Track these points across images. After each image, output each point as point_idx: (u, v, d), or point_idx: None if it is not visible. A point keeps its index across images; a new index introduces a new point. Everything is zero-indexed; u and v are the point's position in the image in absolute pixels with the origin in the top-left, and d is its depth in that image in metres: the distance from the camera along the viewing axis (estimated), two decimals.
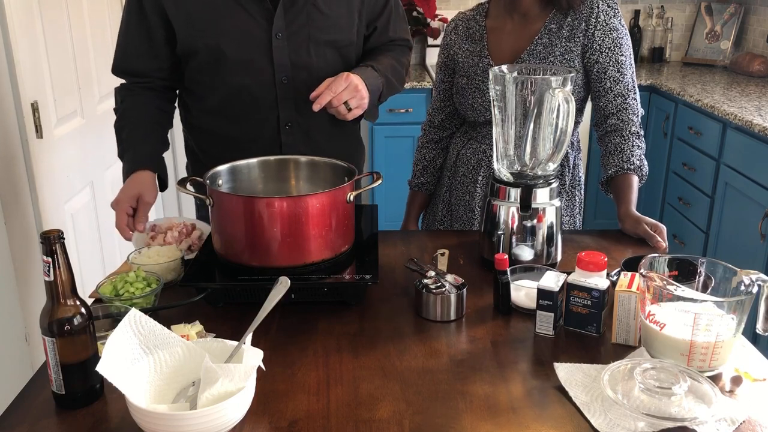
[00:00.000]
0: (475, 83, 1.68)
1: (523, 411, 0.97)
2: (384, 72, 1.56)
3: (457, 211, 1.77)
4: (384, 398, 1.00)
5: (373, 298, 1.30)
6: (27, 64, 1.85)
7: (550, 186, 1.36)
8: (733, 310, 0.99)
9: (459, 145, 1.78)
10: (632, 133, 1.61)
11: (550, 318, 1.15)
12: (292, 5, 1.48)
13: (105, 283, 1.24)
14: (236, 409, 0.90)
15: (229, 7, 1.47)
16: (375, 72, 1.53)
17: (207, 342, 1.01)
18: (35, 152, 1.90)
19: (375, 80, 1.51)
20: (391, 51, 1.65)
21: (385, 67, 1.57)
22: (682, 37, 4.12)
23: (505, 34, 1.68)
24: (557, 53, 1.62)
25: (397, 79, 1.63)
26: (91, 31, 2.28)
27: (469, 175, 1.74)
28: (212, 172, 1.35)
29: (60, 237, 0.94)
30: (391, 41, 1.66)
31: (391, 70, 1.59)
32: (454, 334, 1.18)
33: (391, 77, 1.59)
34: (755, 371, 1.05)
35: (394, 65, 1.62)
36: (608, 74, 1.61)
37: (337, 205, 1.26)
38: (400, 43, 1.68)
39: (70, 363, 0.97)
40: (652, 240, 1.47)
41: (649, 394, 0.93)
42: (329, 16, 1.52)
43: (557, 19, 1.63)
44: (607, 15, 1.60)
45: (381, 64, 1.57)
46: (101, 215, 2.33)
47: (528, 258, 1.37)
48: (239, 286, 1.24)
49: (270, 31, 1.48)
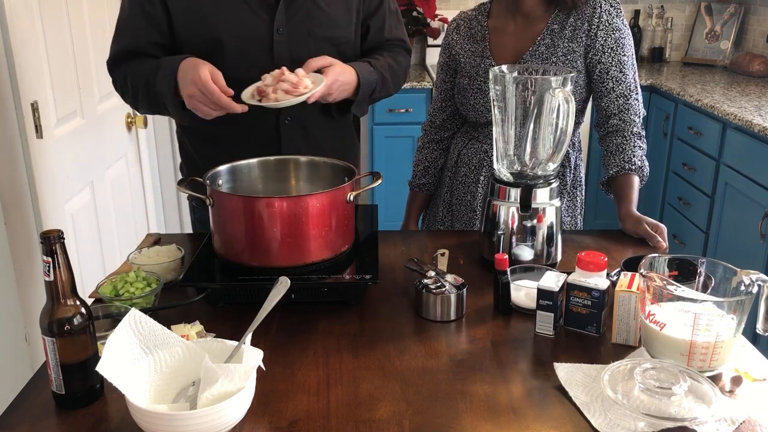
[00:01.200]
0: (477, 84, 1.67)
1: (523, 411, 0.97)
2: (380, 70, 1.57)
3: (459, 211, 1.77)
4: (384, 398, 1.00)
5: (373, 298, 1.30)
6: (27, 64, 1.85)
7: (550, 186, 1.36)
8: (733, 310, 0.99)
9: (460, 145, 1.77)
10: (634, 134, 1.61)
11: (550, 318, 1.15)
12: (293, 1, 1.50)
13: (105, 283, 1.24)
14: (236, 409, 0.90)
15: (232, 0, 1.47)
16: (371, 68, 1.54)
17: (207, 342, 1.01)
18: (35, 152, 1.89)
19: (369, 75, 1.52)
20: (389, 51, 1.66)
21: (381, 65, 1.58)
22: (682, 37, 4.12)
23: (508, 35, 1.68)
24: (560, 53, 1.62)
25: (393, 79, 1.63)
26: (91, 31, 2.28)
27: (471, 175, 1.74)
28: (212, 172, 1.35)
29: (60, 237, 0.94)
30: (386, 41, 1.67)
31: (388, 68, 1.60)
32: (454, 334, 1.18)
33: (387, 76, 1.59)
34: (755, 371, 1.05)
35: (392, 64, 1.62)
36: (611, 74, 1.61)
37: (337, 205, 1.26)
38: (397, 43, 1.69)
39: (70, 363, 0.97)
40: (653, 240, 1.47)
41: (649, 394, 0.93)
42: (328, 13, 1.53)
43: (560, 19, 1.62)
44: (609, 15, 1.60)
45: (378, 62, 1.58)
46: (101, 215, 2.33)
47: (528, 258, 1.37)
48: (239, 286, 1.24)
49: (271, 26, 1.49)
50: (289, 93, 1.35)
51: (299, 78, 1.37)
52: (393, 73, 1.62)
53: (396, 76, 1.64)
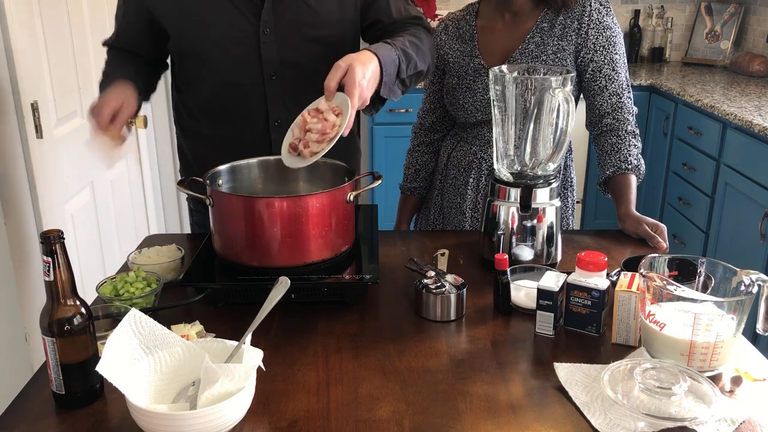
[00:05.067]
0: (466, 83, 1.67)
1: (523, 411, 0.97)
2: (399, 45, 1.43)
3: (450, 213, 1.77)
4: (384, 398, 1.00)
5: (373, 298, 1.30)
6: (27, 64, 1.85)
7: (550, 186, 1.36)
8: (733, 310, 0.99)
9: (450, 148, 1.77)
10: (628, 132, 1.61)
11: (550, 318, 1.15)
12: (280, 0, 1.45)
13: (105, 283, 1.24)
14: (236, 409, 0.90)
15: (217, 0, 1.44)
16: (388, 45, 1.41)
17: (207, 342, 1.01)
18: (35, 152, 1.89)
19: (389, 52, 1.38)
20: (404, 31, 1.54)
21: (400, 42, 1.45)
22: (682, 37, 4.12)
23: (496, 34, 1.67)
24: (549, 52, 1.61)
25: (418, 54, 1.47)
26: (91, 31, 2.28)
27: (460, 177, 1.73)
28: (212, 172, 1.35)
29: (60, 237, 0.94)
30: (397, 22, 1.56)
31: (408, 44, 1.47)
32: (454, 334, 1.18)
33: (411, 51, 1.46)
34: (755, 371, 1.05)
35: (412, 40, 1.49)
36: (603, 73, 1.61)
37: (337, 205, 1.26)
38: (411, 21, 1.58)
39: (70, 363, 0.97)
40: (653, 240, 1.47)
41: (649, 394, 0.93)
42: (318, 11, 1.48)
43: (549, 17, 1.62)
44: (600, 13, 1.60)
45: (395, 40, 1.46)
46: (101, 215, 2.33)
47: (528, 258, 1.37)
48: (239, 286, 1.24)
49: (258, 27, 1.45)
50: (320, 142, 1.28)
51: (322, 120, 1.28)
52: (416, 48, 1.47)
53: (420, 50, 1.49)
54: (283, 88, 1.50)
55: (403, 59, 1.41)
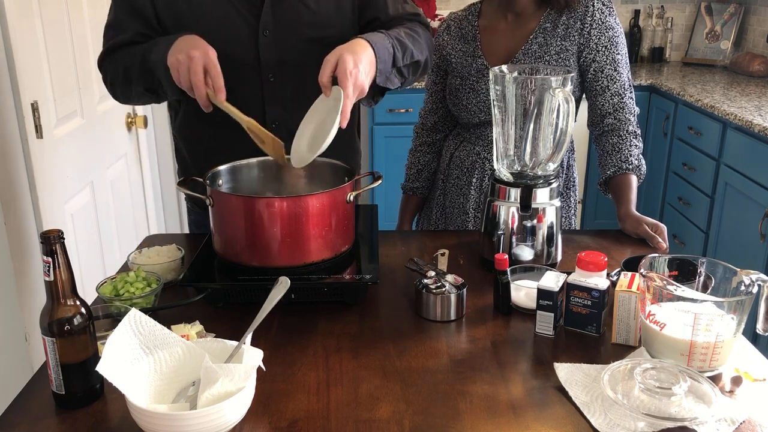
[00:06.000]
0: (469, 84, 1.67)
1: (523, 411, 0.97)
2: (393, 34, 1.41)
3: (452, 213, 1.77)
4: (384, 398, 1.00)
5: (373, 298, 1.30)
6: (27, 64, 1.85)
7: (550, 186, 1.36)
8: (733, 310, 0.99)
9: (452, 147, 1.77)
10: (629, 133, 1.61)
11: (550, 318, 1.15)
12: (280, 1, 1.45)
13: (105, 283, 1.24)
14: (236, 409, 0.90)
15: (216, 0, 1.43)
16: (381, 33, 1.40)
17: (207, 342, 1.01)
18: (35, 152, 1.89)
19: (382, 39, 1.37)
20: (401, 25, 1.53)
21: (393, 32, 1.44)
22: (682, 37, 4.12)
23: (499, 34, 1.67)
24: (552, 52, 1.61)
25: (414, 44, 1.45)
26: (91, 31, 2.28)
27: (463, 177, 1.73)
28: (212, 172, 1.35)
29: (60, 237, 0.94)
30: (394, 19, 1.54)
31: (403, 35, 1.45)
32: (454, 334, 1.18)
33: (406, 40, 1.44)
34: (755, 371, 1.05)
35: (407, 32, 1.48)
36: (605, 73, 1.61)
37: (337, 205, 1.26)
38: (408, 17, 1.56)
39: (70, 363, 0.97)
40: (653, 240, 1.47)
41: (649, 394, 0.93)
42: (317, 12, 1.47)
43: (552, 18, 1.62)
44: (602, 13, 1.60)
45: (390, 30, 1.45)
46: (101, 215, 2.33)
47: (528, 258, 1.37)
48: (239, 286, 1.24)
49: (257, 27, 1.45)
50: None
51: None
52: (412, 38, 1.46)
53: (416, 41, 1.47)
54: (281, 89, 1.50)
55: (398, 47, 1.40)
